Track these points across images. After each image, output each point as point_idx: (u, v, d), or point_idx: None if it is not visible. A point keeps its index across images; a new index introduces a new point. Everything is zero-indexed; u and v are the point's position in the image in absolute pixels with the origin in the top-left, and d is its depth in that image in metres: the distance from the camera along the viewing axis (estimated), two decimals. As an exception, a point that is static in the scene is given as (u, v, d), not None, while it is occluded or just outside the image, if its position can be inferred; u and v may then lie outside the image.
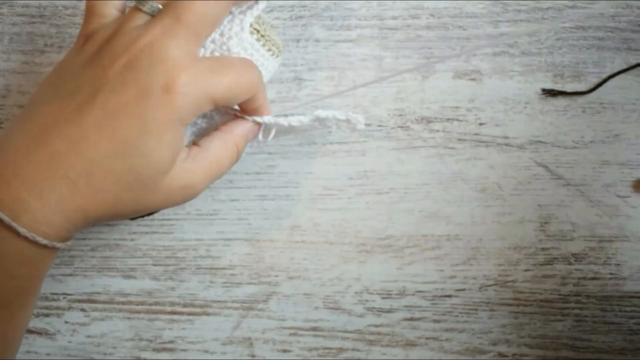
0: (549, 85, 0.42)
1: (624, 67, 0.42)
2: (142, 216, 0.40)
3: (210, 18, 0.32)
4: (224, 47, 0.34)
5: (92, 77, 0.32)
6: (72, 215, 0.31)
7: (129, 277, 0.43)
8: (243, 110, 0.36)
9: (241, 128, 0.36)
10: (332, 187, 0.42)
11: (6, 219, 0.30)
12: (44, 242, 0.31)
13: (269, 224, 0.42)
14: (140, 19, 0.33)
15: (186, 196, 0.34)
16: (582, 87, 0.42)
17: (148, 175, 0.31)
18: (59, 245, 0.32)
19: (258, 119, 0.36)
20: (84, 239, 0.43)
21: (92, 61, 0.32)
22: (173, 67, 0.30)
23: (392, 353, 0.41)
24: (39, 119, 0.32)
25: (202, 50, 0.34)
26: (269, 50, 0.36)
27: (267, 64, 0.36)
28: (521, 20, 0.43)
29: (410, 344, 0.42)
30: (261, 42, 0.35)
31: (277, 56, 0.37)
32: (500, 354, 0.41)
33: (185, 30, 0.32)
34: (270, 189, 0.43)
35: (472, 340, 0.41)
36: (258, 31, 0.35)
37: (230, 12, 0.35)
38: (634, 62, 0.42)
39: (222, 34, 0.34)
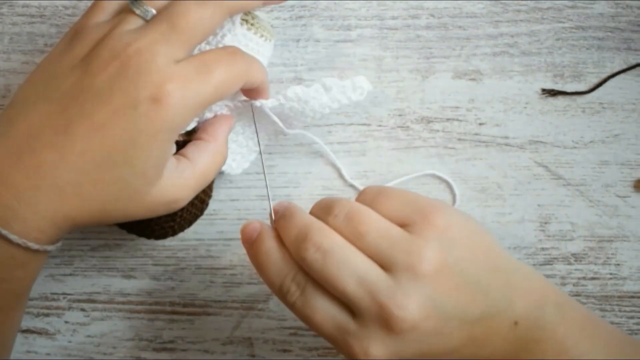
0: (549, 85, 0.42)
1: (624, 67, 0.42)
2: (165, 236, 0.40)
3: (205, 26, 0.32)
4: (220, 45, 0.35)
5: (80, 84, 0.31)
6: (61, 222, 0.31)
7: (129, 277, 0.43)
8: (245, 93, 0.36)
9: (224, 131, 0.36)
10: (332, 187, 0.42)
11: None
12: (36, 247, 0.31)
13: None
14: (133, 23, 0.32)
15: (170, 209, 0.34)
16: (582, 87, 0.42)
17: (135, 185, 0.31)
18: (49, 248, 0.32)
19: (257, 102, 0.36)
20: (84, 239, 0.43)
21: (80, 65, 0.32)
22: (160, 78, 0.30)
23: (392, 353, 0.41)
24: (25, 124, 0.31)
25: (196, 51, 0.34)
26: (262, 36, 0.37)
27: (263, 50, 0.37)
28: (521, 20, 0.43)
29: (410, 344, 0.41)
30: (252, 31, 0.36)
31: (269, 40, 0.38)
32: (500, 354, 0.41)
33: (177, 37, 0.31)
34: (270, 189, 0.42)
35: (472, 340, 0.41)
36: (247, 21, 0.36)
37: None
38: (634, 62, 0.42)
39: (214, 34, 0.35)
